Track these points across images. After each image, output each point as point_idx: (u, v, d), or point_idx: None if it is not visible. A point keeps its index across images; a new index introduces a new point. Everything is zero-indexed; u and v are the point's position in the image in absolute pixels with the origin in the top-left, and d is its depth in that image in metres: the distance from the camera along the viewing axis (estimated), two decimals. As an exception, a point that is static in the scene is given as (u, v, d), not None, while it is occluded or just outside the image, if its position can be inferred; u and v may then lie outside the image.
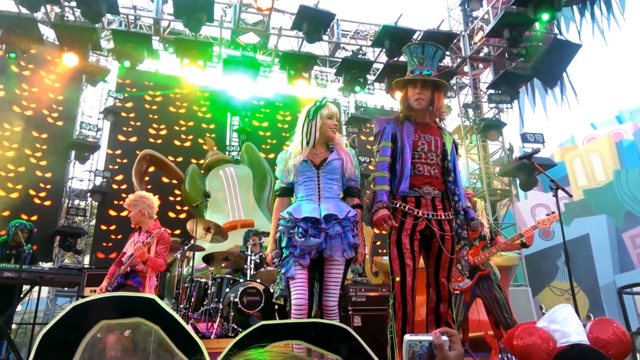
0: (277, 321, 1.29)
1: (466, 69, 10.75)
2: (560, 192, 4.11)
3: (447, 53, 10.38)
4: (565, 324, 1.70)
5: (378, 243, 9.50)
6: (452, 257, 2.76)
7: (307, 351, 2.80)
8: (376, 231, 6.85)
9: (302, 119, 3.00)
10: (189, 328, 1.10)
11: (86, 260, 9.13)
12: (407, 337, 1.17)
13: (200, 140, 10.48)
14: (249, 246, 5.67)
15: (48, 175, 8.91)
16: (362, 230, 2.98)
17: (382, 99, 12.56)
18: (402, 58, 10.59)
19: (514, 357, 4.19)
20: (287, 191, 2.98)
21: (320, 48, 10.33)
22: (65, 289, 7.81)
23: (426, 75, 2.83)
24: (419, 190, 2.75)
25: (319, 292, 2.88)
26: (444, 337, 1.15)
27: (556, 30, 10.29)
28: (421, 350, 1.15)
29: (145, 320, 1.11)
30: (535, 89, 11.11)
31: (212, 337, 4.80)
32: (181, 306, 5.36)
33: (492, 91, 9.93)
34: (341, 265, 2.82)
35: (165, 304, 1.10)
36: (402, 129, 2.82)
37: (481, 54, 10.86)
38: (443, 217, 2.76)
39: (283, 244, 2.80)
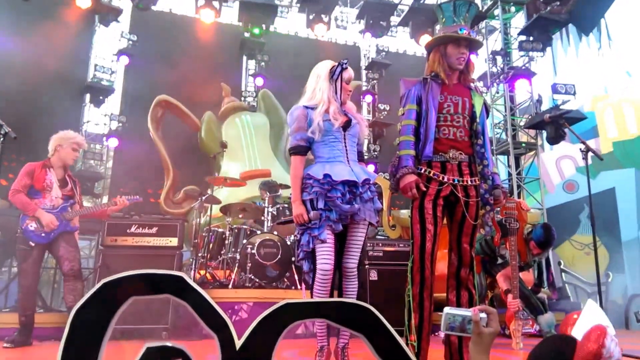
0: (301, 300, 1.31)
1: (496, 12, 10.08)
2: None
3: (477, -6, 9.71)
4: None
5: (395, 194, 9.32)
6: (476, 224, 2.73)
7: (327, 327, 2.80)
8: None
9: (321, 76, 2.87)
10: (216, 305, 1.14)
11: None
12: (446, 309, 1.33)
13: (216, 86, 10.20)
14: (265, 198, 5.62)
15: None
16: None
17: (405, 43, 11.95)
18: (428, 0, 10.00)
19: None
20: (305, 149, 2.86)
21: (341, -12, 9.79)
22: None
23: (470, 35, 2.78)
24: (444, 155, 2.69)
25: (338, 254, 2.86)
26: (482, 315, 1.29)
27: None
28: (453, 323, 1.31)
29: (174, 296, 1.15)
30: (569, 34, 10.42)
31: (230, 286, 4.93)
32: (199, 254, 5.42)
33: (523, 38, 9.32)
34: (365, 228, 2.84)
35: (192, 282, 1.13)
36: (428, 90, 2.72)
37: (513, -4, 10.12)
38: (469, 182, 2.71)
39: (320, 206, 2.70)
